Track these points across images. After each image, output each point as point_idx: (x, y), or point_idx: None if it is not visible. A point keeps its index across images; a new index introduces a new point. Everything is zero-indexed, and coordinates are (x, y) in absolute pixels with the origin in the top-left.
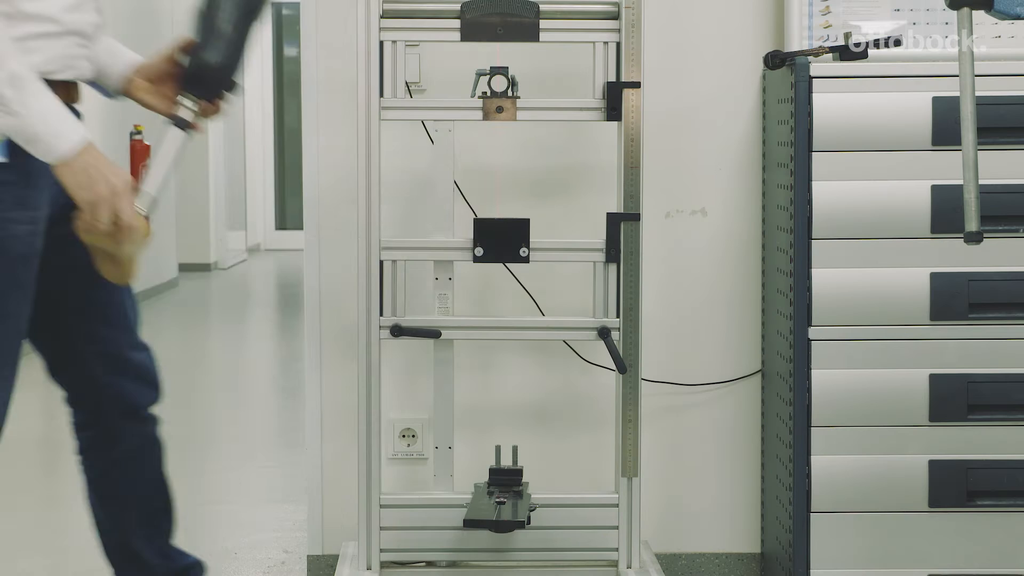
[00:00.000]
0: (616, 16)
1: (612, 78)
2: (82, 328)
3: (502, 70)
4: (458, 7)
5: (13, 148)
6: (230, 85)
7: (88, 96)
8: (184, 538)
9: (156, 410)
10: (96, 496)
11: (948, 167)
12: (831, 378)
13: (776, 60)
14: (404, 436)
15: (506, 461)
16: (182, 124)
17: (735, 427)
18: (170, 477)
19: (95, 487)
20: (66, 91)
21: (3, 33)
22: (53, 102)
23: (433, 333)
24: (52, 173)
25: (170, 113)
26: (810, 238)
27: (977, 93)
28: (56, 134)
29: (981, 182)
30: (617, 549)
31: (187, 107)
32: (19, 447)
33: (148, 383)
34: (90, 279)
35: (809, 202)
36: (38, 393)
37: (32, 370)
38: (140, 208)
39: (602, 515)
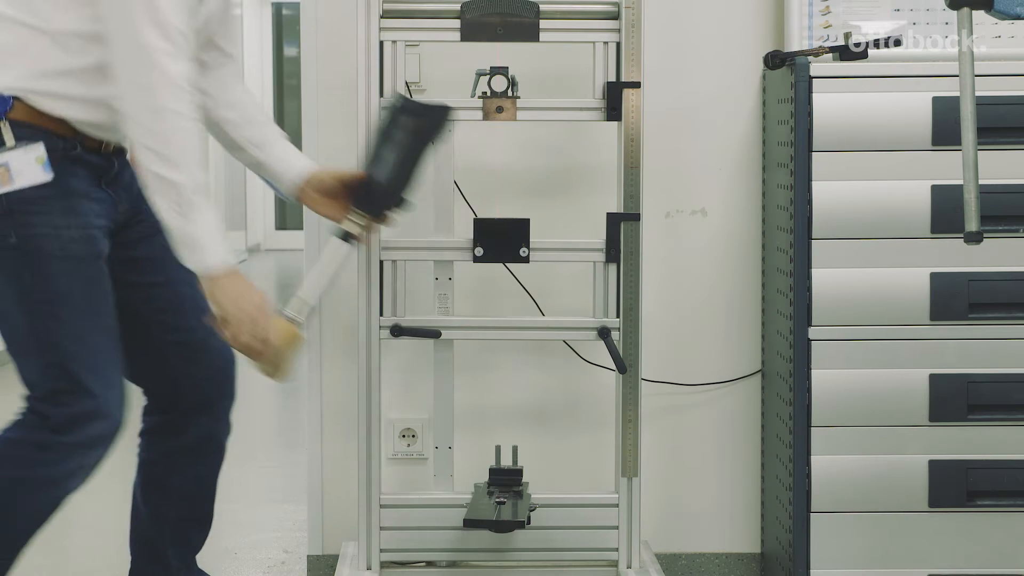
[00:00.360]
0: (616, 16)
1: (612, 78)
2: (160, 319)
3: (502, 70)
4: (458, 7)
5: (56, 168)
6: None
7: None
8: None
9: (231, 416)
10: (142, 481)
11: (948, 167)
12: (831, 378)
13: (776, 60)
14: (404, 436)
15: (506, 461)
16: (347, 237)
17: (735, 427)
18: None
19: (144, 472)
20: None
21: (198, 144)
22: (217, 219)
23: (433, 333)
24: (97, 192)
25: (338, 224)
26: (810, 238)
27: (977, 93)
28: (213, 250)
29: (981, 182)
30: (617, 549)
31: (355, 222)
32: None
33: (224, 376)
34: (165, 273)
35: (809, 202)
36: None
37: None
38: (295, 315)
39: (602, 515)
